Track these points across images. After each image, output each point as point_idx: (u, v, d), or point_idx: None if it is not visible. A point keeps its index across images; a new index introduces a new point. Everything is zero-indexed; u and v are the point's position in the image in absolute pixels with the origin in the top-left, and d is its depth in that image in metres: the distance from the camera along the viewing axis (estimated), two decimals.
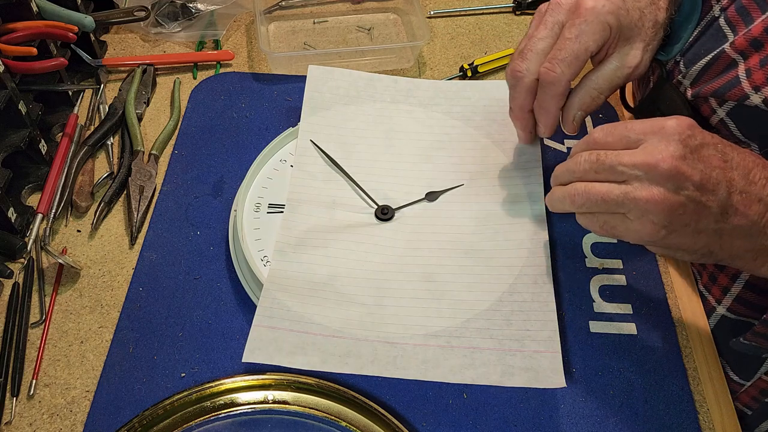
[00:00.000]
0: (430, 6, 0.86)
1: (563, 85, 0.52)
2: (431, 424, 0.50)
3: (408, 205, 0.60)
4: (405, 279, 0.56)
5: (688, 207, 0.42)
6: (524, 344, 0.51)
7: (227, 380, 0.50)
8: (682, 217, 0.43)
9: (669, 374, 0.53)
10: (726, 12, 0.53)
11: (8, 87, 0.57)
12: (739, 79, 0.50)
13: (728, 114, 0.52)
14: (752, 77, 0.49)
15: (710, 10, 0.55)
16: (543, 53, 0.53)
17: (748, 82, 0.49)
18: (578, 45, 0.51)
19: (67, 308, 0.56)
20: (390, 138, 0.66)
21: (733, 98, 0.50)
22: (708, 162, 0.42)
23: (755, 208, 0.42)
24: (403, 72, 0.77)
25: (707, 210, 0.42)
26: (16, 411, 0.50)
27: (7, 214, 0.57)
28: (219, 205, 0.63)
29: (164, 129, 0.69)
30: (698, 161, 0.42)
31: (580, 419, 0.51)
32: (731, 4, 0.52)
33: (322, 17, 0.84)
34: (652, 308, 0.57)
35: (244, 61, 0.78)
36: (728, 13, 0.53)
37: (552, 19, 0.53)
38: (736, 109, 0.51)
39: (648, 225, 0.43)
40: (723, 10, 0.53)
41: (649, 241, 0.45)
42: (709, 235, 0.43)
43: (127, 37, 0.80)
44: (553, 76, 0.52)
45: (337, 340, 0.51)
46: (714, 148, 0.43)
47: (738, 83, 0.50)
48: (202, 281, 0.58)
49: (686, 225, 0.43)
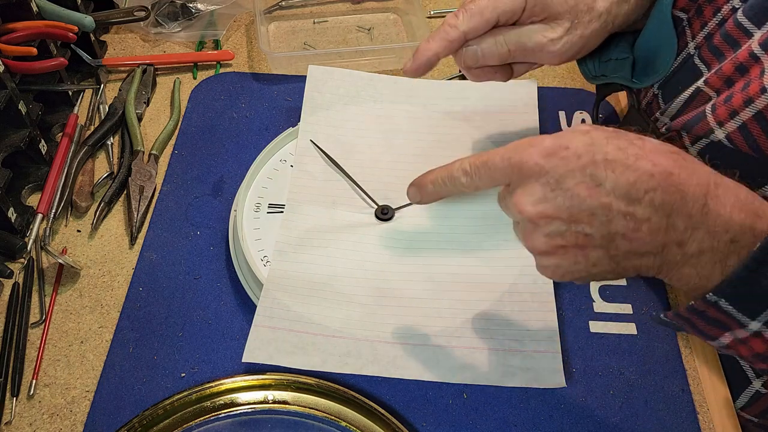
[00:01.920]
0: (430, 6, 0.86)
1: (456, 32, 0.52)
2: (431, 424, 0.50)
3: (408, 205, 0.60)
4: (405, 279, 0.56)
5: (568, 246, 0.39)
6: (524, 344, 0.51)
7: (227, 380, 0.50)
8: (566, 257, 0.40)
9: (669, 374, 0.53)
10: (700, 50, 0.53)
11: (8, 87, 0.57)
12: (705, 113, 0.49)
13: (700, 152, 0.51)
14: (716, 112, 0.48)
15: (686, 47, 0.55)
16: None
17: (713, 117, 0.48)
18: (487, 2, 0.51)
19: (67, 308, 0.56)
20: (390, 138, 0.66)
21: (699, 132, 0.50)
22: (574, 194, 0.38)
23: (644, 228, 0.38)
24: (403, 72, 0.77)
25: (591, 243, 0.39)
26: (16, 411, 0.50)
27: (7, 214, 0.57)
28: (219, 205, 0.63)
29: (164, 129, 0.69)
30: (562, 197, 0.38)
31: (580, 419, 0.51)
32: (705, 43, 0.53)
33: (322, 17, 0.84)
34: (652, 308, 0.57)
35: (244, 61, 0.78)
36: (702, 52, 0.53)
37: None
38: (708, 146, 0.50)
39: (545, 269, 0.42)
40: (698, 48, 0.53)
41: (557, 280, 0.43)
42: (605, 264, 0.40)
43: (127, 37, 0.80)
44: (452, 20, 0.52)
45: (337, 340, 0.51)
46: (581, 174, 0.38)
47: (704, 117, 0.49)
48: (202, 281, 0.58)
49: (576, 262, 0.40)
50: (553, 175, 0.38)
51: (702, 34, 0.53)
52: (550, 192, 0.39)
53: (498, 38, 0.53)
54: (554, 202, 0.38)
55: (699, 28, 0.53)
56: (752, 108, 0.45)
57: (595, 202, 0.38)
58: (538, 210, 0.39)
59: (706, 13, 0.53)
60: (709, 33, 0.52)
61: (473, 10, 0.51)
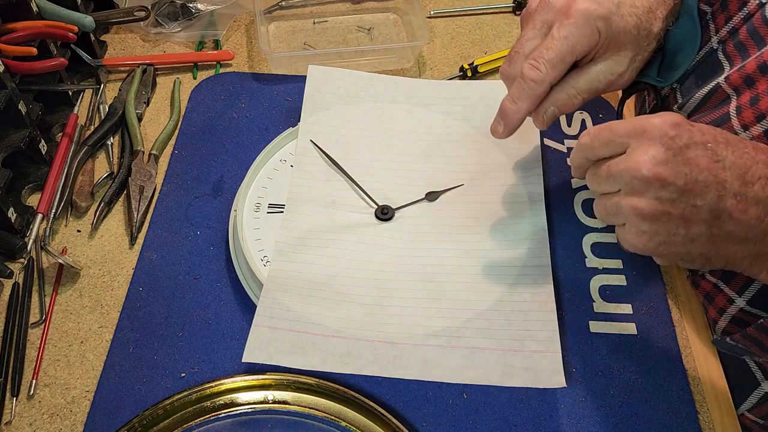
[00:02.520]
0: (430, 6, 0.86)
1: (544, 86, 0.51)
2: (431, 424, 0.50)
3: (408, 205, 0.60)
4: (405, 279, 0.56)
5: (673, 214, 0.40)
6: (524, 344, 0.51)
7: (227, 380, 0.50)
8: (668, 225, 0.40)
9: (669, 374, 0.53)
10: (725, 45, 0.52)
11: (8, 87, 0.57)
12: (730, 115, 0.48)
13: None
14: (742, 115, 0.47)
15: (709, 41, 0.53)
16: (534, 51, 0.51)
17: (737, 119, 0.47)
18: (566, 47, 0.49)
19: (67, 308, 0.56)
20: (390, 138, 0.66)
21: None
22: (694, 164, 0.39)
23: (752, 212, 0.39)
24: (403, 72, 0.77)
25: (696, 216, 0.40)
26: (16, 411, 0.50)
27: (7, 214, 0.57)
28: (219, 205, 0.63)
29: (164, 129, 0.69)
30: (682, 164, 0.39)
31: (580, 419, 0.51)
32: (730, 38, 0.51)
33: (322, 17, 0.84)
34: (652, 308, 0.57)
35: (244, 61, 0.78)
36: (726, 47, 0.51)
37: (541, 18, 0.51)
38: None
39: (639, 235, 0.42)
40: (721, 43, 0.52)
41: (644, 251, 0.43)
42: (702, 243, 0.41)
43: (127, 37, 0.80)
44: (536, 74, 0.50)
45: (337, 340, 0.51)
46: (703, 148, 0.40)
47: (728, 120, 0.48)
48: (202, 281, 0.58)
49: (674, 233, 0.41)
50: (678, 141, 0.39)
51: (726, 28, 0.52)
52: (672, 156, 0.39)
53: (569, 91, 0.52)
54: (674, 166, 0.39)
55: (723, 22, 0.52)
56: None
57: (712, 176, 0.39)
58: (656, 170, 0.39)
59: (731, 7, 0.51)
60: (734, 27, 0.51)
61: (554, 59, 0.49)
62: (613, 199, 0.43)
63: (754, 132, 0.47)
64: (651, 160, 0.39)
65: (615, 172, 0.42)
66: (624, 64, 0.52)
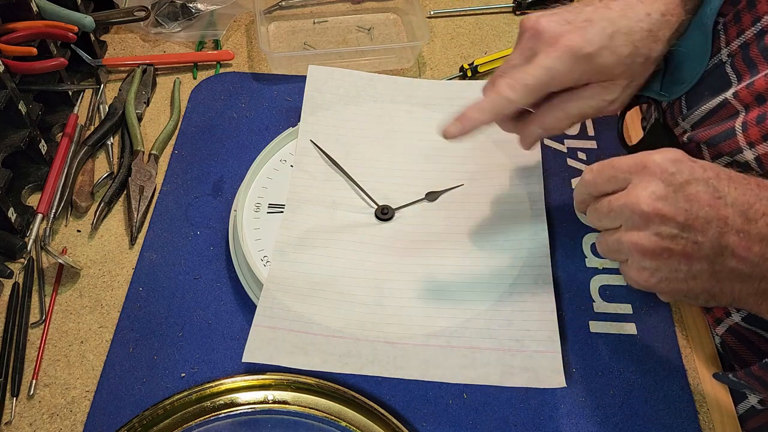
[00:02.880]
0: (430, 6, 0.86)
1: (513, 107, 0.50)
2: (431, 424, 0.50)
3: (408, 205, 0.60)
4: (405, 279, 0.56)
5: (674, 250, 0.39)
6: (524, 344, 0.51)
7: (227, 380, 0.50)
8: (669, 262, 0.40)
9: (669, 374, 0.53)
10: (734, 59, 0.51)
11: (8, 87, 0.57)
12: (735, 131, 0.47)
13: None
14: (747, 132, 0.47)
15: (718, 53, 0.52)
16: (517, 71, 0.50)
17: (743, 136, 0.47)
18: (547, 77, 0.48)
19: (67, 308, 0.56)
20: (390, 138, 0.66)
21: (725, 150, 0.48)
22: (695, 200, 0.39)
23: (756, 248, 0.38)
24: (403, 72, 0.77)
25: (698, 252, 0.39)
26: (16, 411, 0.50)
27: (7, 214, 0.57)
28: (219, 205, 0.63)
29: (164, 129, 0.69)
30: (683, 200, 0.39)
31: (580, 419, 0.51)
32: (740, 52, 0.50)
33: (322, 17, 0.84)
34: (652, 308, 0.57)
35: (244, 61, 0.78)
36: (735, 61, 0.50)
37: (529, 45, 0.50)
38: (730, 165, 0.49)
39: (641, 271, 0.42)
40: (731, 56, 0.51)
41: (646, 287, 0.42)
42: (705, 280, 0.40)
43: (127, 37, 0.80)
44: (509, 94, 0.49)
45: (337, 340, 0.51)
46: (705, 184, 0.39)
47: (734, 135, 0.48)
48: (202, 281, 0.58)
49: (676, 270, 0.40)
50: (678, 177, 0.39)
51: (737, 42, 0.51)
52: (672, 192, 0.39)
53: (558, 114, 0.52)
54: (674, 202, 0.39)
55: (735, 36, 0.51)
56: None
57: (713, 212, 0.38)
58: (656, 206, 0.39)
59: (745, 21, 0.50)
60: (746, 42, 0.50)
61: (531, 86, 0.48)
62: (615, 235, 0.42)
63: (761, 150, 0.46)
64: (651, 196, 0.39)
65: (615, 207, 0.41)
66: (616, 92, 0.51)
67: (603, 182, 0.43)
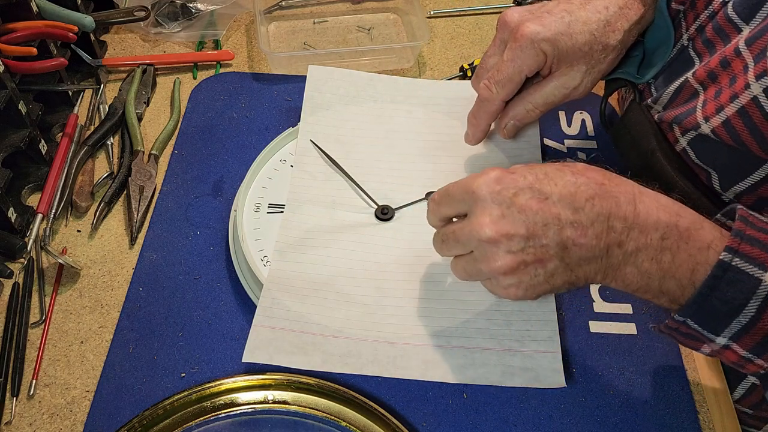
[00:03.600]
0: (430, 6, 0.86)
1: (496, 104, 0.57)
2: (431, 424, 0.50)
3: (408, 205, 0.60)
4: (405, 279, 0.56)
5: (528, 261, 0.43)
6: (524, 344, 0.51)
7: (227, 380, 0.50)
8: (527, 271, 0.43)
9: (669, 374, 0.53)
10: (694, 42, 0.54)
11: (8, 87, 0.57)
12: (696, 108, 0.50)
13: (689, 143, 0.53)
14: (705, 107, 0.49)
15: (681, 38, 0.56)
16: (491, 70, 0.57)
17: (701, 111, 0.50)
18: (513, 69, 0.54)
19: (67, 308, 0.56)
20: (390, 138, 0.66)
21: (688, 126, 0.51)
22: (527, 208, 0.42)
23: (590, 232, 0.42)
24: (403, 72, 0.77)
25: (547, 254, 0.42)
26: (16, 411, 0.50)
27: (7, 214, 0.57)
28: (219, 205, 0.63)
29: (164, 129, 0.69)
30: (517, 212, 0.42)
31: (580, 419, 0.51)
32: (698, 35, 0.54)
33: (322, 17, 0.84)
34: (652, 308, 0.57)
35: (244, 61, 0.78)
36: (696, 43, 0.54)
37: (499, 36, 0.56)
38: (696, 138, 0.52)
39: (507, 289, 0.44)
40: (691, 40, 0.55)
41: (515, 298, 0.45)
42: (561, 274, 0.43)
43: (127, 37, 0.80)
44: (488, 94, 0.56)
45: (337, 340, 0.51)
46: (530, 191, 0.43)
47: (693, 112, 0.50)
48: (202, 281, 0.58)
49: (535, 275, 0.43)
50: (505, 193, 0.43)
51: (695, 26, 0.54)
52: (506, 209, 0.42)
53: (527, 106, 0.58)
54: (511, 218, 0.42)
55: (692, 20, 0.54)
56: (736, 104, 0.46)
57: (546, 213, 0.42)
58: (498, 227, 0.42)
59: (699, 6, 0.54)
60: (701, 25, 0.53)
61: (503, 80, 0.55)
62: (471, 264, 0.46)
63: (714, 123, 0.49)
64: (490, 221, 0.42)
65: (462, 238, 0.45)
66: (577, 79, 0.56)
67: (445, 206, 0.47)
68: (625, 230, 0.42)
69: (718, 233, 0.42)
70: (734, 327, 0.41)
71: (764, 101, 0.44)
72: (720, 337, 0.42)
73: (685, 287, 0.42)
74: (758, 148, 0.46)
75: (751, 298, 0.39)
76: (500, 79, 0.55)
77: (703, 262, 0.41)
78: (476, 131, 0.60)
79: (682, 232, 0.42)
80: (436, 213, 0.48)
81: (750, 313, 0.40)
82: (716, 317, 0.41)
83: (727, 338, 0.41)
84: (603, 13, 0.55)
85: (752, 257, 0.39)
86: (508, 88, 0.56)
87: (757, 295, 0.39)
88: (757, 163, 0.48)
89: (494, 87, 0.56)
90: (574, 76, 0.56)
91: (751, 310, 0.40)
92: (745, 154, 0.48)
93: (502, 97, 0.56)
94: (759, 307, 0.39)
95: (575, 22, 0.54)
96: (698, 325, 0.42)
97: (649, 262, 0.42)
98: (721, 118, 0.48)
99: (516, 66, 0.54)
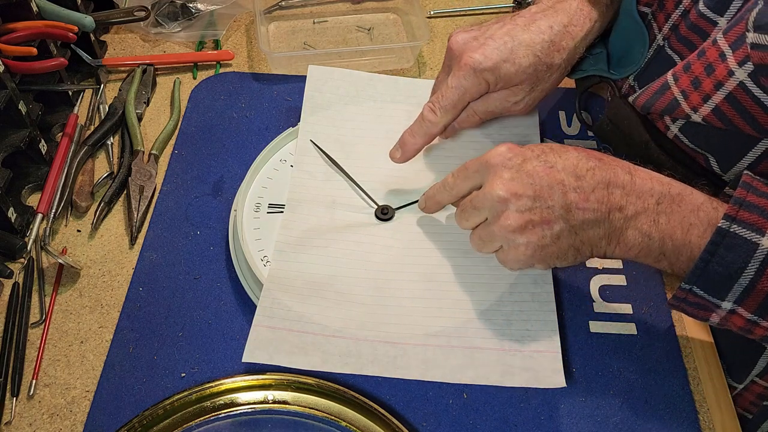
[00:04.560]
0: (430, 6, 0.86)
1: (438, 127, 0.58)
2: (431, 424, 0.50)
3: (408, 205, 0.60)
4: (405, 279, 0.56)
5: (535, 220, 0.46)
6: (524, 344, 0.51)
7: (227, 380, 0.50)
8: (535, 231, 0.46)
9: (669, 374, 0.53)
10: (669, 41, 0.55)
11: (8, 87, 0.57)
12: (678, 101, 0.52)
13: (680, 129, 0.55)
14: (689, 99, 0.51)
15: (655, 39, 0.57)
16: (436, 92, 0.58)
17: (687, 104, 0.51)
18: (456, 96, 0.56)
19: (67, 308, 0.56)
20: (390, 138, 0.66)
21: (678, 116, 0.53)
22: (535, 173, 0.46)
23: (592, 197, 0.46)
24: (403, 72, 0.77)
25: (553, 215, 0.46)
26: (16, 411, 0.50)
27: (7, 214, 0.57)
28: (219, 205, 0.63)
29: (164, 129, 0.69)
30: (526, 176, 0.46)
31: (580, 419, 0.51)
32: (672, 34, 0.55)
33: (322, 17, 0.84)
34: (652, 308, 0.57)
35: (244, 61, 0.78)
36: (671, 42, 0.55)
37: (447, 63, 0.59)
38: (687, 124, 0.54)
39: (516, 249, 0.47)
40: (666, 39, 0.56)
41: (525, 262, 0.48)
42: (567, 236, 0.46)
43: (127, 37, 0.80)
44: (432, 117, 0.58)
45: (337, 340, 0.51)
46: (537, 159, 0.47)
47: (678, 105, 0.52)
48: (202, 281, 0.58)
49: (543, 236, 0.46)
50: (515, 160, 0.47)
51: (668, 25, 0.56)
52: (515, 173, 0.47)
53: (469, 111, 0.59)
54: (520, 181, 0.46)
55: (664, 20, 0.56)
56: (723, 91, 0.48)
57: (551, 178, 0.46)
58: (508, 187, 0.46)
59: (668, 6, 0.55)
60: (674, 24, 0.55)
61: (447, 106, 0.57)
62: (485, 229, 0.49)
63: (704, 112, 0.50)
64: (501, 182, 0.46)
65: (477, 202, 0.48)
66: (520, 95, 0.58)
67: (461, 182, 0.51)
68: (624, 195, 0.46)
69: (706, 197, 0.46)
70: (736, 290, 0.43)
71: (751, 86, 0.46)
72: (725, 301, 0.44)
73: (681, 247, 0.45)
74: (750, 129, 0.48)
75: (750, 261, 0.42)
76: (444, 105, 0.57)
77: (696, 223, 0.45)
78: (409, 150, 0.59)
79: (675, 197, 0.46)
80: (452, 189, 0.52)
81: (749, 275, 0.42)
82: (719, 282, 0.44)
83: (731, 302, 0.44)
84: (547, 33, 0.56)
85: (749, 223, 0.42)
86: (451, 114, 0.58)
87: (755, 257, 0.42)
88: (752, 142, 0.50)
89: (438, 112, 0.57)
90: (517, 93, 0.58)
91: (750, 272, 0.42)
92: (737, 134, 0.50)
93: (445, 121, 0.58)
94: (758, 270, 0.42)
95: (518, 46, 0.55)
96: (703, 291, 0.45)
97: (648, 225, 0.46)
98: (710, 107, 0.50)
99: (459, 93, 0.56)
